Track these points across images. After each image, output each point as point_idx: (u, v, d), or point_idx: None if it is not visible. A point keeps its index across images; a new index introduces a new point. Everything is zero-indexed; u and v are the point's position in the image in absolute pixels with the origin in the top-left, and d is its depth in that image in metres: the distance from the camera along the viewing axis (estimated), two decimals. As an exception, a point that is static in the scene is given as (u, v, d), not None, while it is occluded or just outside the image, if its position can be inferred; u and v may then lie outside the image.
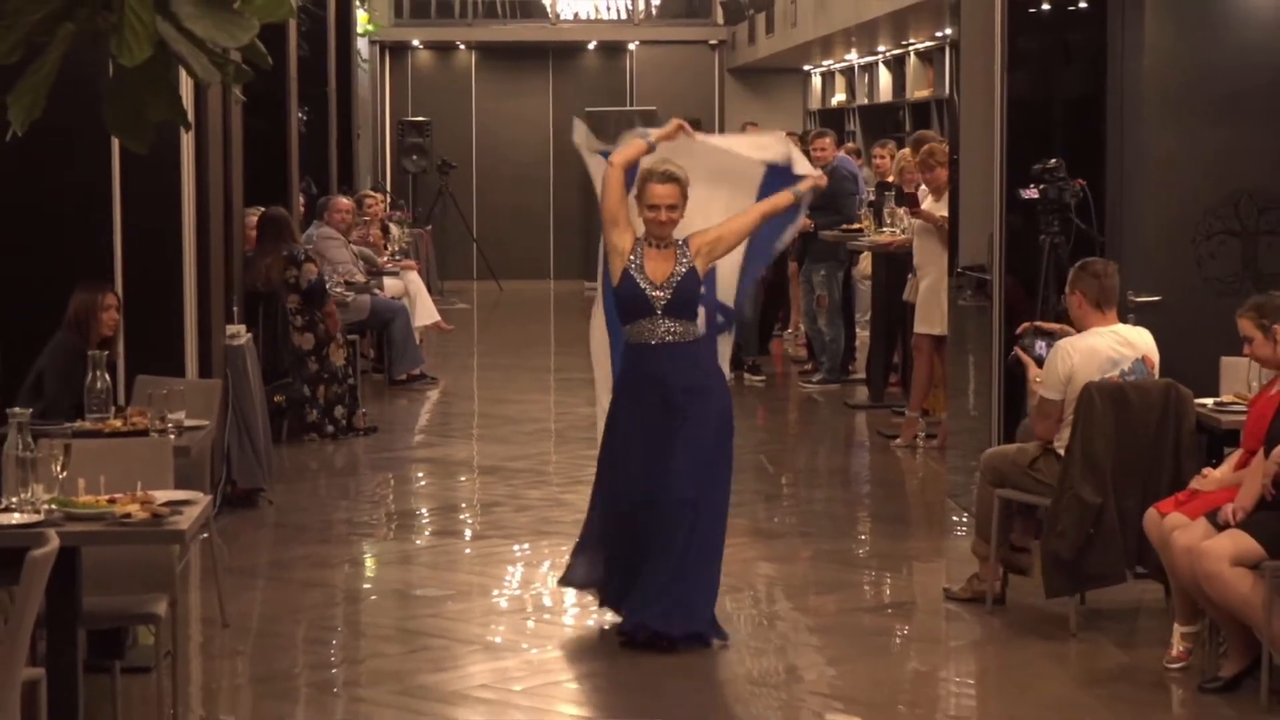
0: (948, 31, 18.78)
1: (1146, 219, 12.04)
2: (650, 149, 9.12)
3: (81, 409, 9.13)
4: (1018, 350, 9.84)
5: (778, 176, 9.40)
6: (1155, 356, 9.37)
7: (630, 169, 9.24)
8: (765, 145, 9.73)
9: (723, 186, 9.43)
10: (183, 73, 6.00)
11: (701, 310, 9.25)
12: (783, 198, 9.25)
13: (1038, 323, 10.04)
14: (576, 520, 12.40)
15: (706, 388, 9.07)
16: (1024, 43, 12.44)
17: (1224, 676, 8.33)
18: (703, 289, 9.13)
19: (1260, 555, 8.00)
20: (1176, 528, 8.39)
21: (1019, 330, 10.17)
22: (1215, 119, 11.97)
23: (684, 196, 8.90)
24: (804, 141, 20.66)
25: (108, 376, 9.20)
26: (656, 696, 8.43)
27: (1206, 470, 8.73)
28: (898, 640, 9.63)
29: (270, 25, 6.38)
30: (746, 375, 18.51)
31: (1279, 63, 12.02)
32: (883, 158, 17.95)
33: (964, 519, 11.96)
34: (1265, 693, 8.06)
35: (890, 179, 17.20)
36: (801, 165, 9.55)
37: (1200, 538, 8.21)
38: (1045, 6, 12.48)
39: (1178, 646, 8.63)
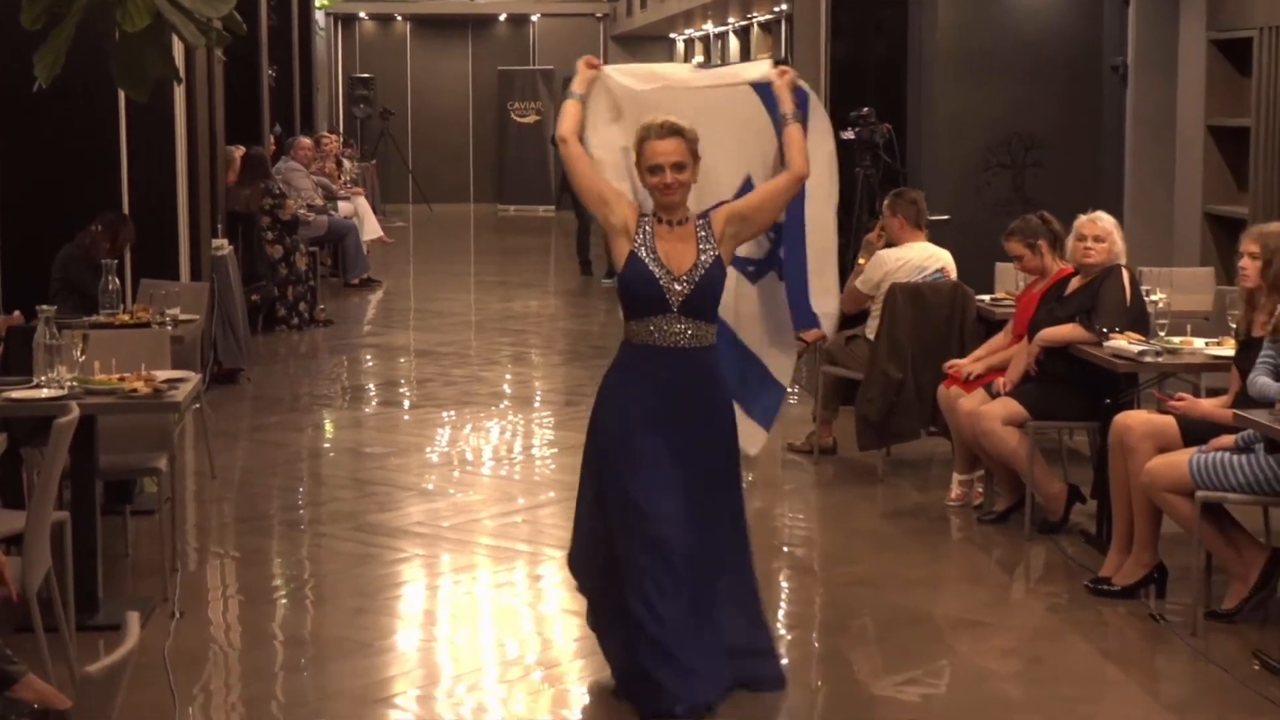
0: (784, 7, 18.77)
1: (939, 155, 12.12)
2: (582, 103, 5.97)
3: (89, 303, 9.11)
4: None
5: (772, 96, 6.06)
6: (953, 269, 9.44)
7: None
8: (721, 73, 6.45)
9: (726, 132, 6.08)
10: (175, 37, 5.93)
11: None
12: (797, 138, 5.91)
13: None
14: (493, 393, 12.46)
15: (717, 406, 5.92)
16: (843, 17, 12.49)
17: (997, 510, 8.44)
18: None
19: (1025, 417, 8.10)
20: (961, 396, 8.49)
21: None
22: (992, 77, 12.05)
23: (694, 155, 5.73)
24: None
25: (118, 280, 9.16)
26: (552, 530, 8.46)
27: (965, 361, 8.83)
28: (744, 485, 9.66)
29: (246, 1, 6.32)
30: (604, 281, 18.53)
31: (1040, 33, 12.10)
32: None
33: (795, 390, 12.02)
34: (1028, 523, 8.17)
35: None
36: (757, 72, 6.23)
37: (979, 404, 8.31)
38: (860, -13, 12.50)
39: (956, 489, 8.74)
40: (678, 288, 5.69)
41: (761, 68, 6.27)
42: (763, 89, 6.11)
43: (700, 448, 5.86)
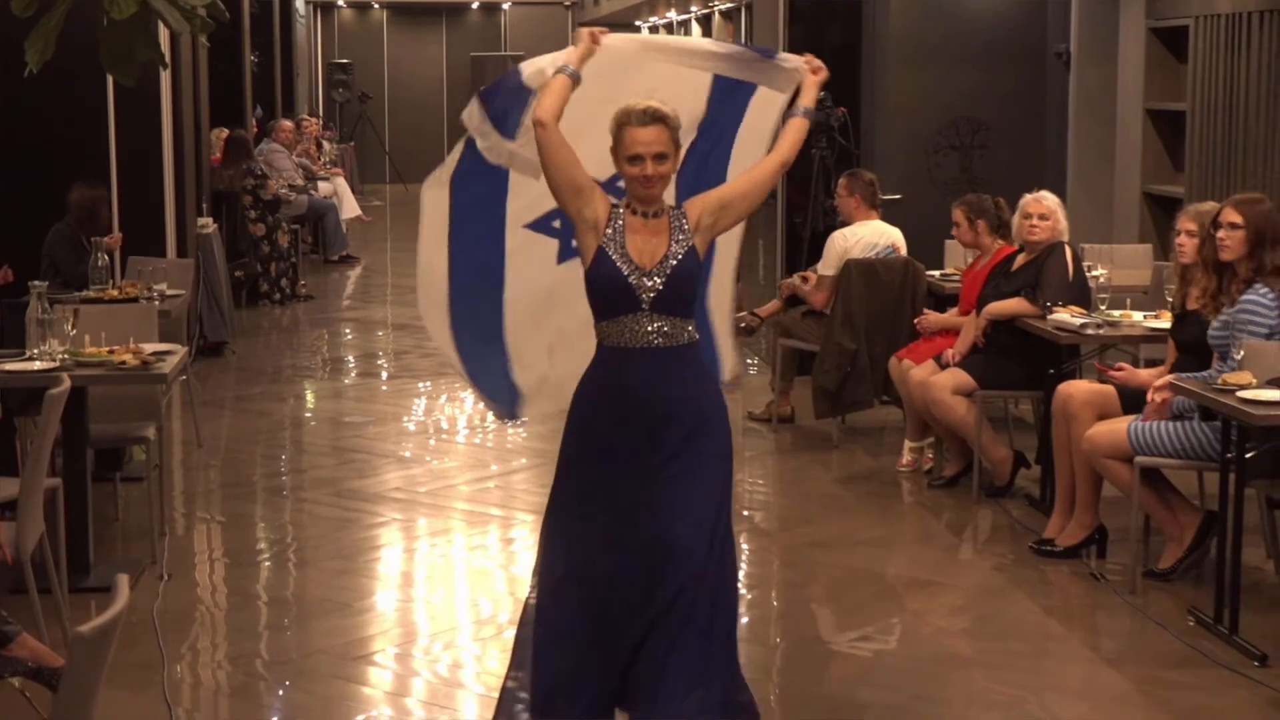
0: (743, -4, 18.73)
1: (891, 137, 12.12)
2: (576, 80, 4.99)
3: (80, 279, 9.07)
4: (792, 282, 9.85)
5: (722, 97, 5.37)
6: (903, 246, 9.45)
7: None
8: (706, 49, 5.48)
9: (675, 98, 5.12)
10: (160, 24, 5.90)
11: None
12: (797, 130, 5.19)
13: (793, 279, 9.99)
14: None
15: (701, 408, 5.03)
16: (800, 4, 12.45)
17: (946, 475, 8.47)
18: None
19: (973, 386, 8.12)
20: (912, 367, 8.52)
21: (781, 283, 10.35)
22: (942, 63, 12.05)
23: (676, 144, 4.94)
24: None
25: (107, 257, 9.12)
26: (524, 495, 8.46)
27: (926, 311, 8.91)
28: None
29: (228, -12, 6.28)
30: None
31: (988, 21, 12.12)
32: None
33: (754, 361, 12.02)
34: (975, 487, 8.21)
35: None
36: (773, 73, 5.37)
37: (929, 374, 8.33)
38: (816, -22, 12.50)
39: (907, 455, 8.77)
40: (648, 283, 4.87)
41: (794, 61, 5.38)
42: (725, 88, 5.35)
43: (683, 458, 4.92)
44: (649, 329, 4.90)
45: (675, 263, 4.90)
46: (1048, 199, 8.14)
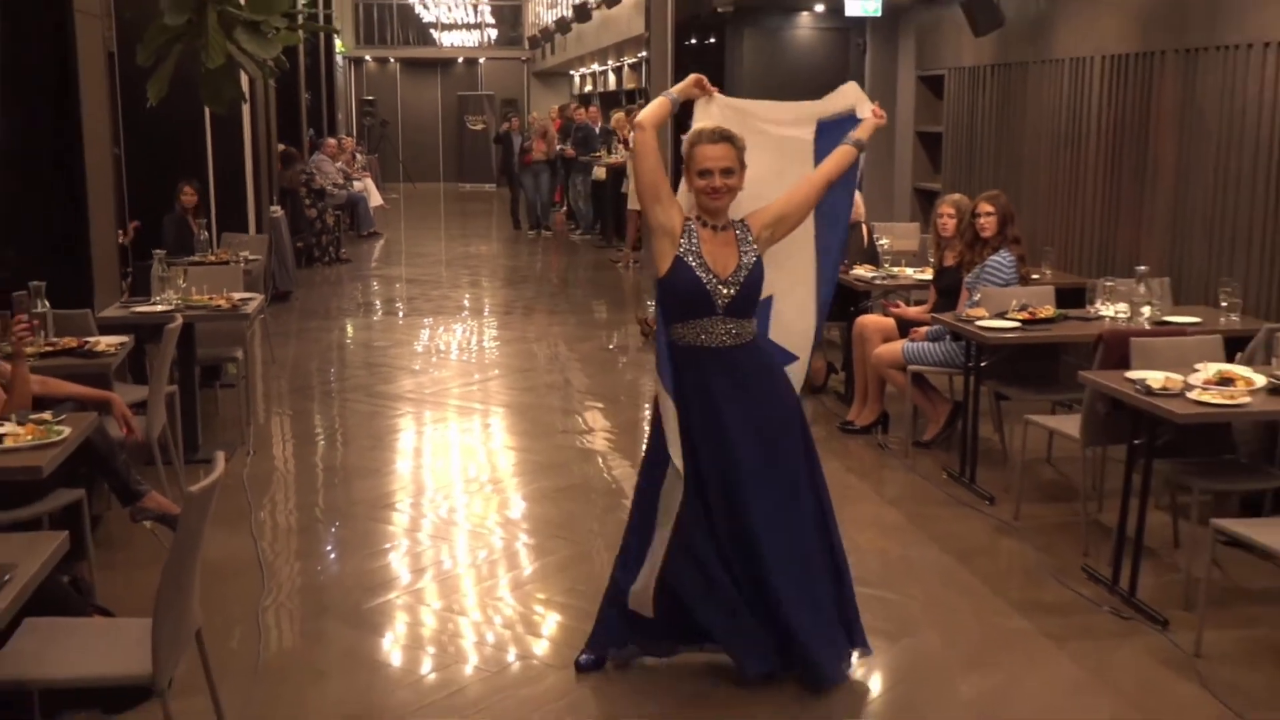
0: (644, 54, 18.60)
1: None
2: (674, 104, 4.07)
3: (187, 249, 8.93)
4: None
5: (829, 132, 4.19)
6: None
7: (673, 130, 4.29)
8: (812, 108, 4.26)
9: (777, 159, 4.15)
10: (241, 71, 5.79)
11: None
12: (843, 155, 4.10)
13: None
14: (457, 306, 12.34)
15: (768, 370, 4.10)
16: (683, 59, 12.39)
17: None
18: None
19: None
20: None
21: None
22: (779, 96, 12.03)
23: (740, 162, 3.95)
24: (564, 111, 20.36)
25: (207, 233, 8.99)
26: (497, 394, 8.44)
27: None
28: (620, 364, 9.69)
29: (288, 47, 6.18)
30: (541, 231, 18.43)
31: (808, 68, 12.09)
32: (618, 119, 17.74)
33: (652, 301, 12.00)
34: (799, 387, 8.23)
35: (614, 128, 17.07)
36: (859, 105, 4.22)
37: (770, 311, 8.34)
38: (693, 41, 12.40)
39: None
40: (724, 290, 3.90)
41: (856, 97, 4.26)
42: (826, 128, 4.23)
43: (767, 431, 4.04)
44: (722, 330, 3.94)
45: (747, 273, 3.94)
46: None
